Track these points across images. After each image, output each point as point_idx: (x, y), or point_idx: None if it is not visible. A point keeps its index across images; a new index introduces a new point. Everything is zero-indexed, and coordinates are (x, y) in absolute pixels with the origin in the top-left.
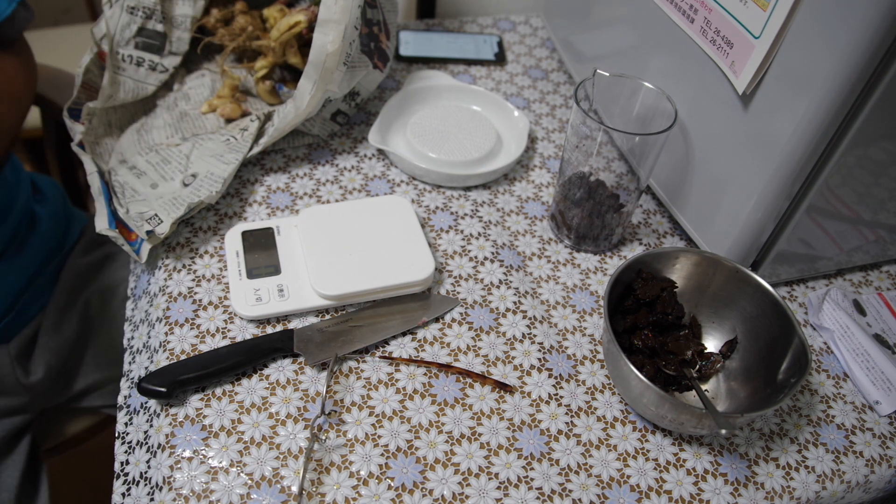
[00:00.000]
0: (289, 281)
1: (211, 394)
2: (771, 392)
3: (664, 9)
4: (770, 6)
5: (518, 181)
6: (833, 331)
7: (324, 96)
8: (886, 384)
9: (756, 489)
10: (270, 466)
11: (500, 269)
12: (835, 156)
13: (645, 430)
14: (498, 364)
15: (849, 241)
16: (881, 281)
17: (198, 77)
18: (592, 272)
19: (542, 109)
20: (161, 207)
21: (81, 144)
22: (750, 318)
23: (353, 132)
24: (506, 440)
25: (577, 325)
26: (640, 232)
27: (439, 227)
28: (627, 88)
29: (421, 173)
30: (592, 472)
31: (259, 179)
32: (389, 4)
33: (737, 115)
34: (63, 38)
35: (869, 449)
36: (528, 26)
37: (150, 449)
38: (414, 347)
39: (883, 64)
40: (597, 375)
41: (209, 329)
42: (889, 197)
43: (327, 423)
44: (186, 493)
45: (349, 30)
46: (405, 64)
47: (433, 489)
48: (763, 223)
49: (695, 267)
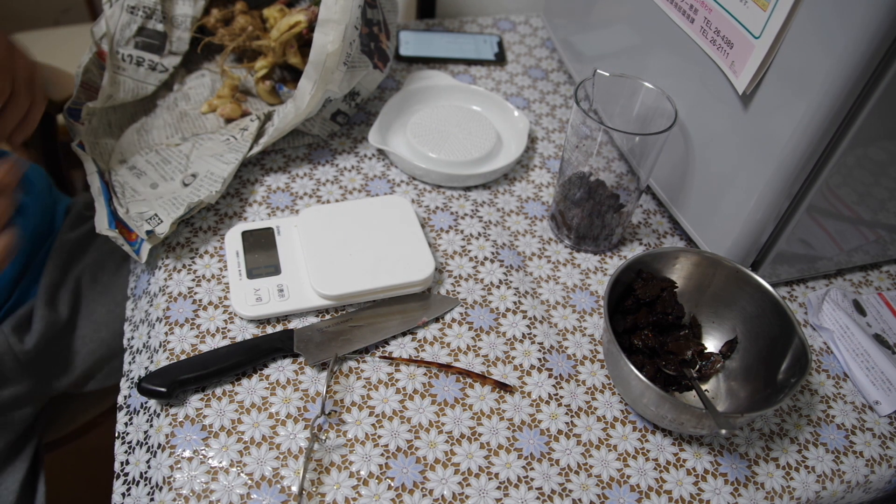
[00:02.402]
0: (289, 281)
1: (211, 394)
2: (771, 392)
3: (664, 9)
4: (770, 6)
5: (518, 181)
6: (833, 331)
7: (324, 96)
8: (886, 384)
9: (756, 489)
10: (270, 466)
11: (500, 269)
12: (835, 156)
13: (645, 430)
14: (498, 364)
15: (849, 240)
16: (881, 281)
17: (198, 77)
18: (592, 272)
19: (542, 109)
20: (161, 207)
21: (81, 144)
22: (750, 318)
23: (353, 132)
24: (506, 440)
25: (577, 325)
26: (640, 232)
27: (439, 227)
28: (627, 88)
29: (421, 173)
30: (592, 472)
31: (259, 179)
32: (389, 4)
33: (737, 115)
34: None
35: (869, 449)
36: (528, 26)
37: (150, 449)
38: (414, 347)
39: (883, 64)
40: (597, 375)
41: (209, 329)
42: (889, 197)
43: (327, 423)
44: (186, 493)
45: (349, 30)
46: (405, 64)
47: (433, 489)
48: (763, 223)
49: (695, 267)
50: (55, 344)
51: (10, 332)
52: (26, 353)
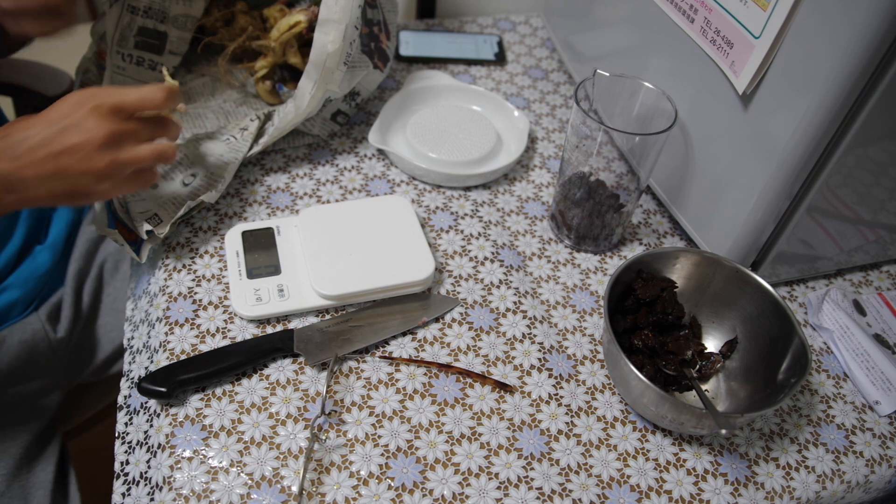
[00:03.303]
0: (289, 281)
1: (211, 394)
2: (771, 392)
3: (664, 9)
4: (770, 6)
5: (518, 181)
6: (833, 331)
7: (324, 96)
8: (886, 384)
9: (756, 489)
10: (270, 466)
11: (500, 269)
12: (835, 156)
13: (645, 430)
14: (498, 364)
15: (849, 240)
16: (881, 281)
17: (198, 77)
18: (592, 272)
19: (542, 109)
20: (161, 207)
21: None
22: (750, 318)
23: (353, 132)
24: (506, 440)
25: (577, 325)
26: (640, 232)
27: (439, 227)
28: (627, 88)
29: (421, 173)
30: (592, 472)
31: (259, 179)
32: (389, 4)
33: (737, 115)
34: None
35: (869, 449)
36: (528, 26)
37: (150, 449)
38: (414, 347)
39: (883, 63)
40: (597, 375)
41: (209, 329)
42: (889, 197)
43: (327, 423)
44: (186, 493)
45: (350, 30)
46: (405, 64)
47: (433, 489)
48: (763, 223)
49: (695, 267)
50: (80, 332)
51: (46, 320)
52: (59, 341)
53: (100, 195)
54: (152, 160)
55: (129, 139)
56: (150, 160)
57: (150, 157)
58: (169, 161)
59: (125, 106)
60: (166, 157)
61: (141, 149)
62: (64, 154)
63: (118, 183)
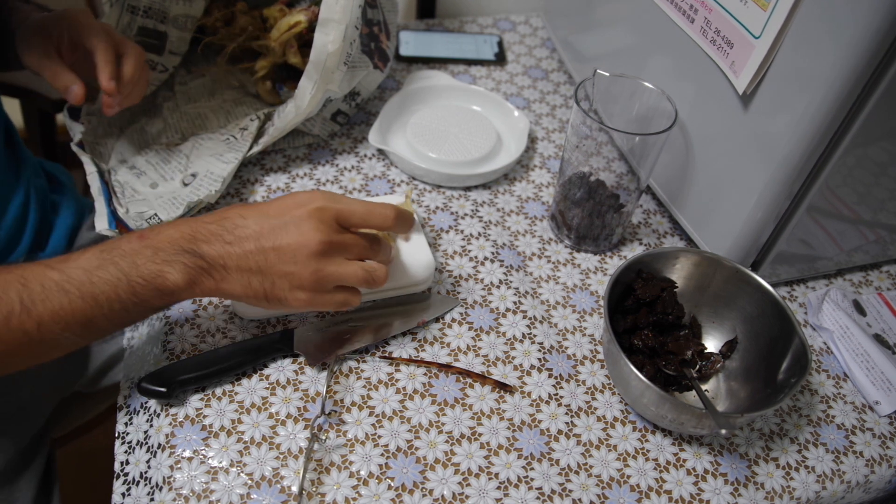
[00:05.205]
0: None
1: (211, 394)
2: (771, 392)
3: (664, 9)
4: (770, 6)
5: (518, 181)
6: (833, 331)
7: (324, 96)
8: (886, 384)
9: (756, 489)
10: (270, 466)
11: (501, 269)
12: (835, 156)
13: (645, 430)
14: (498, 364)
15: (849, 240)
16: (881, 281)
17: (198, 77)
18: (592, 272)
19: (542, 109)
20: (161, 207)
21: (81, 144)
22: (750, 318)
23: (353, 132)
24: (506, 440)
25: (577, 325)
26: (640, 232)
27: (439, 227)
28: (627, 88)
29: (421, 173)
30: (592, 472)
31: (259, 179)
32: (389, 4)
33: (737, 115)
34: None
35: (869, 449)
36: (528, 26)
37: (150, 449)
38: (414, 347)
39: (883, 63)
40: (597, 375)
41: (209, 329)
42: (889, 197)
43: (327, 423)
44: (186, 493)
45: (350, 30)
46: (405, 64)
47: (433, 489)
48: (763, 223)
49: (695, 267)
50: None
51: None
52: None
53: (294, 305)
54: (359, 282)
55: (341, 252)
56: (356, 280)
57: (358, 277)
58: (377, 286)
59: (351, 218)
60: (375, 282)
61: (351, 266)
62: (272, 252)
63: (316, 296)
